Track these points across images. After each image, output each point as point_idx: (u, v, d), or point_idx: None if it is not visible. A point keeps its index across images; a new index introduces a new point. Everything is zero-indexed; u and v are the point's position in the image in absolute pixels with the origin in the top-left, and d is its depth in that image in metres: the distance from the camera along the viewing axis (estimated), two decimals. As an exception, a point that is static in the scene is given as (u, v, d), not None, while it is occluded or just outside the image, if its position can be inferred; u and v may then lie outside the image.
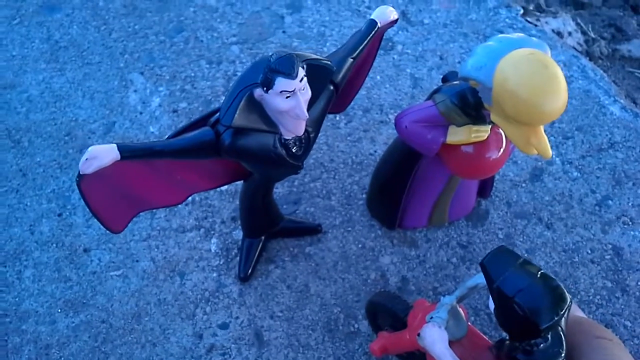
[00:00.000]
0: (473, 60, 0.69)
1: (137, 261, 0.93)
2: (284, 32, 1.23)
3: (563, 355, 0.55)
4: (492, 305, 0.59)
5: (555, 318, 0.54)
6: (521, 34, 0.71)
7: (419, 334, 0.65)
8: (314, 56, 0.69)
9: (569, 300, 0.55)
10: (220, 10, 1.27)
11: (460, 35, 1.23)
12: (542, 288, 0.54)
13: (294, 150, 0.72)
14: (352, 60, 0.76)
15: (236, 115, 0.64)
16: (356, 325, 0.87)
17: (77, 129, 1.08)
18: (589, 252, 0.95)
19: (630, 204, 0.99)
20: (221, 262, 0.92)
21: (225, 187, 0.99)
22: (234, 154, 0.69)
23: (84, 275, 0.91)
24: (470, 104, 0.73)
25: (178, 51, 1.20)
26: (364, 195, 1.00)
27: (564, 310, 0.54)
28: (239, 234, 0.94)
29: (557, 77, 0.65)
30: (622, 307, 0.90)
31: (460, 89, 0.74)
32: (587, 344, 0.58)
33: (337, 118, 1.10)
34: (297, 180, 1.01)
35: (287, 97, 0.65)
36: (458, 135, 0.76)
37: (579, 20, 1.47)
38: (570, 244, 0.95)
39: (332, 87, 0.74)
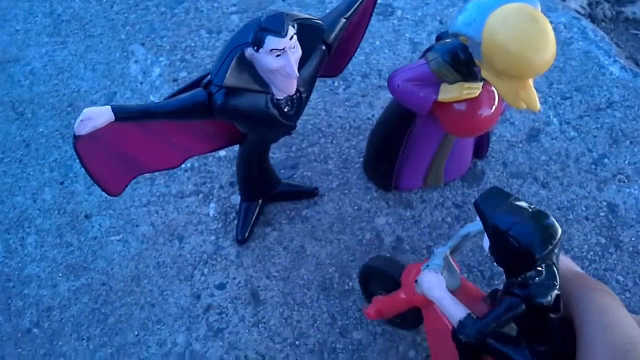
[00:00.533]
0: (463, 16, 0.70)
1: (137, 226, 0.95)
2: (283, 0, 1.24)
3: (557, 287, 0.57)
4: (487, 245, 0.61)
5: (550, 246, 0.55)
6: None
7: (416, 281, 0.67)
8: (305, 15, 0.70)
9: (560, 231, 0.57)
10: (220, -19, 1.27)
11: (460, -1, 1.23)
12: (534, 221, 0.56)
13: (285, 110, 0.73)
14: (344, 20, 0.76)
15: (227, 75, 0.65)
16: (350, 284, 0.89)
17: (79, 100, 1.10)
18: (584, 209, 0.95)
19: (626, 162, 0.99)
20: (219, 226, 0.94)
21: (224, 153, 1.00)
22: (226, 114, 0.70)
23: (85, 241, 0.94)
24: (462, 61, 0.74)
25: (179, 22, 1.21)
26: (360, 159, 1.00)
27: (556, 241, 0.56)
28: (237, 199, 0.96)
29: (545, 31, 0.65)
30: (615, 262, 0.90)
31: (451, 47, 0.75)
32: (583, 293, 0.58)
33: (336, 84, 1.10)
34: (295, 145, 1.03)
35: (278, 56, 0.66)
36: (450, 92, 0.76)
37: (584, -17, 1.46)
38: (565, 202, 0.95)
39: (324, 47, 0.75)
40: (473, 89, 0.76)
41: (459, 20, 0.70)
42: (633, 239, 0.92)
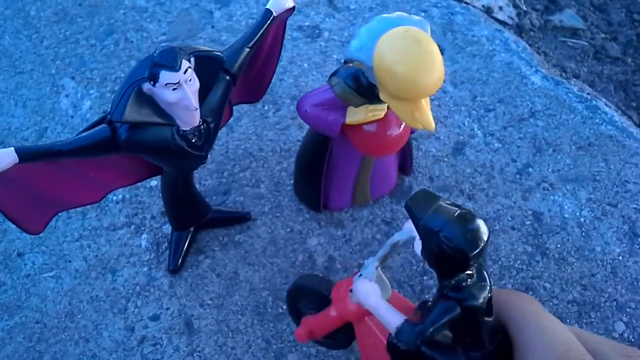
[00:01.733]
0: (356, 42, 0.72)
1: (69, 261, 0.95)
2: (212, 27, 1.25)
3: (489, 288, 0.58)
4: (418, 248, 0.61)
5: (481, 245, 0.56)
6: (402, 13, 0.74)
7: (351, 290, 0.67)
8: (203, 48, 0.71)
9: (488, 231, 0.58)
10: (149, 10, 1.28)
11: (385, 17, 1.25)
12: (464, 221, 0.57)
13: (193, 141, 0.74)
14: (248, 49, 0.78)
15: (126, 110, 0.66)
16: (284, 307, 0.90)
17: (10, 137, 1.09)
18: (510, 219, 0.97)
19: (550, 170, 1.02)
20: (152, 257, 0.95)
21: (155, 182, 1.01)
22: (132, 149, 0.71)
23: (18, 279, 0.93)
24: (363, 84, 0.76)
25: (109, 54, 1.21)
26: (292, 181, 1.02)
27: (487, 240, 0.57)
28: (168, 228, 0.96)
29: (430, 53, 0.67)
30: (542, 269, 0.93)
31: (353, 71, 0.77)
32: (514, 298, 0.60)
33: (266, 107, 1.12)
34: (227, 171, 1.04)
35: (174, 90, 0.67)
36: (356, 115, 0.79)
37: (511, -6, 1.49)
38: (491, 212, 0.98)
39: (228, 77, 0.76)
40: (378, 111, 0.78)
41: (352, 46, 0.72)
42: (558, 245, 0.95)
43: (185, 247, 0.93)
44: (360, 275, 0.68)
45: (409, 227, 0.65)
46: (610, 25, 1.43)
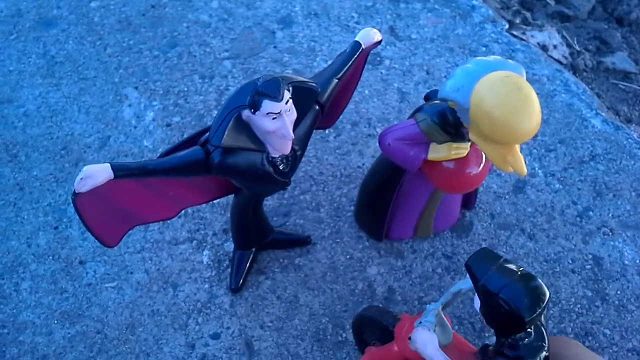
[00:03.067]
0: (451, 82, 0.73)
1: (131, 273, 0.95)
2: (275, 47, 1.26)
3: (546, 348, 0.59)
4: (477, 304, 0.62)
5: (538, 310, 0.57)
6: (498, 57, 0.75)
7: (410, 338, 0.68)
8: (300, 78, 0.72)
9: (548, 294, 0.59)
10: (212, 26, 1.29)
11: (446, 50, 1.27)
12: (523, 284, 0.58)
13: (281, 168, 0.75)
14: (337, 80, 0.79)
15: (225, 136, 0.67)
16: (344, 335, 0.90)
17: (72, 143, 1.10)
18: (570, 262, 0.97)
19: (610, 215, 1.02)
20: (213, 274, 0.95)
21: (217, 200, 1.01)
22: (223, 172, 0.72)
23: (79, 287, 0.94)
24: (450, 122, 0.76)
25: (171, 66, 1.23)
26: (352, 207, 1.02)
27: (545, 304, 0.58)
28: (230, 246, 0.97)
29: (530, 99, 0.68)
30: (602, 315, 0.93)
31: (440, 108, 0.77)
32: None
33: (327, 132, 1.13)
34: (287, 193, 1.04)
35: (274, 119, 0.68)
36: (439, 152, 0.79)
37: (564, 33, 1.50)
38: (551, 254, 0.98)
39: (317, 107, 0.77)
40: (461, 149, 0.79)
41: (447, 86, 0.73)
42: (618, 292, 0.95)
43: (247, 267, 0.94)
44: (420, 322, 0.69)
45: None
46: (663, 71, 1.44)
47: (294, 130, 0.73)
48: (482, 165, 0.82)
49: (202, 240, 0.99)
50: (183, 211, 0.96)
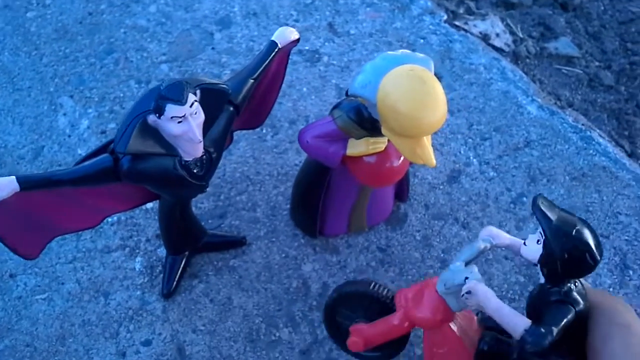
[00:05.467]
0: (360, 78, 0.73)
1: (62, 284, 0.95)
2: (213, 48, 1.26)
3: (586, 295, 0.63)
4: (530, 253, 0.65)
5: (602, 251, 0.62)
6: (406, 51, 0.75)
7: (469, 292, 0.66)
8: (209, 80, 0.72)
9: None
10: (150, 30, 1.29)
11: (385, 44, 1.26)
12: (590, 227, 0.62)
13: (195, 171, 0.75)
14: (252, 81, 0.79)
15: (130, 142, 0.67)
16: (277, 334, 0.90)
17: (6, 156, 1.09)
18: (503, 249, 0.97)
19: (544, 201, 1.02)
20: (145, 280, 0.95)
21: (150, 205, 1.01)
22: (134, 179, 0.72)
23: (9, 301, 0.93)
24: (366, 118, 0.77)
25: (108, 72, 1.22)
26: (288, 206, 1.02)
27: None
28: (163, 252, 0.96)
29: (434, 92, 0.68)
30: (535, 301, 0.93)
31: (356, 104, 0.77)
32: (609, 305, 0.63)
33: (264, 131, 1.12)
34: (223, 194, 1.04)
35: (179, 122, 0.67)
36: (357, 147, 0.79)
37: (508, 21, 1.50)
38: (485, 242, 0.98)
39: (232, 108, 0.77)
40: (379, 144, 0.79)
41: (356, 82, 0.73)
42: (551, 276, 0.95)
43: (179, 272, 0.93)
44: (467, 278, 0.67)
45: (489, 233, 0.70)
46: (605, 54, 1.44)
47: (206, 133, 0.72)
48: (402, 157, 0.82)
49: (135, 247, 0.98)
50: (116, 218, 0.96)
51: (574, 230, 0.61)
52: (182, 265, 0.93)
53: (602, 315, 0.62)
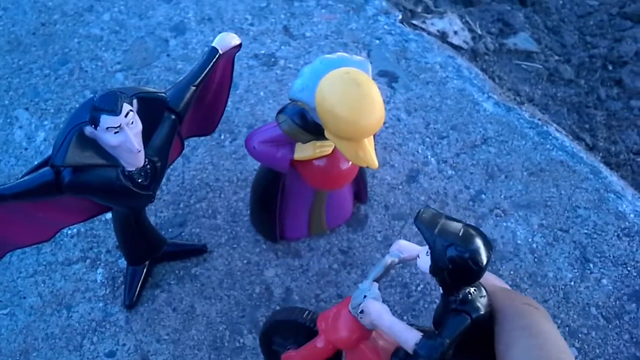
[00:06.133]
0: (298, 82, 0.73)
1: (24, 298, 0.94)
2: (168, 55, 1.25)
3: (487, 299, 0.62)
4: (424, 264, 0.63)
5: (490, 256, 0.60)
6: (343, 54, 0.76)
7: (362, 311, 0.66)
8: (146, 89, 0.72)
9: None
10: (104, 39, 1.28)
11: (340, 45, 1.27)
12: (474, 234, 0.61)
13: (139, 181, 0.75)
14: (194, 88, 0.79)
15: (68, 154, 0.66)
16: (241, 340, 0.90)
17: (-39, 171, 1.08)
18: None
19: (502, 197, 1.04)
20: (107, 292, 0.94)
21: (109, 215, 1.00)
22: (76, 191, 0.71)
23: (-31, 318, 0.92)
24: (310, 122, 0.77)
25: (63, 83, 1.21)
26: (249, 212, 1.02)
27: (491, 251, 0.61)
28: (124, 262, 0.96)
29: (370, 94, 0.69)
30: (495, 296, 0.94)
31: (300, 108, 0.78)
32: (512, 307, 0.61)
33: (222, 137, 1.12)
34: (182, 202, 1.04)
35: (116, 133, 0.67)
36: (304, 151, 0.80)
37: (467, 18, 1.52)
38: (445, 240, 0.99)
39: (173, 116, 0.77)
40: (325, 147, 0.80)
41: (295, 86, 0.73)
42: (512, 272, 0.97)
43: (140, 282, 0.93)
44: (365, 297, 0.68)
45: (398, 248, 0.69)
46: (564, 48, 1.47)
47: (148, 141, 0.72)
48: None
49: (96, 259, 0.97)
50: (75, 230, 0.96)
51: (456, 239, 0.60)
52: (143, 276, 0.93)
53: (505, 320, 0.61)
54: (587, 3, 1.61)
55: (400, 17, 1.34)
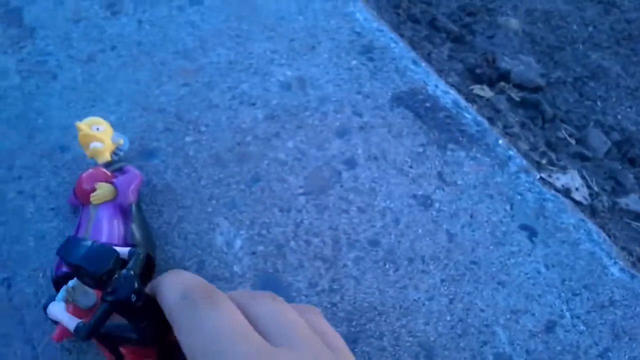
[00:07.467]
0: None
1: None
2: (341, 185, 1.49)
3: (135, 285, 0.82)
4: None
5: (109, 266, 0.81)
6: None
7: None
8: None
9: (115, 252, 0.82)
10: (289, 164, 1.53)
11: (487, 196, 1.49)
12: (95, 251, 0.81)
13: None
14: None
15: None
16: None
17: (173, 267, 1.32)
18: None
19: (626, 357, 1.22)
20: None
21: None
22: None
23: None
24: None
25: (255, 199, 1.45)
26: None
27: (113, 260, 0.81)
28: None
29: None
30: None
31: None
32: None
33: (387, 266, 1.34)
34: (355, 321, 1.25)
35: None
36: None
37: (584, 173, 1.73)
38: (576, 388, 1.18)
39: None
40: None
41: None
42: (631, 423, 1.14)
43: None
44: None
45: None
46: (677, 212, 1.65)
47: None
48: None
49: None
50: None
51: (80, 261, 0.80)
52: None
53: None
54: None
55: (538, 176, 1.56)
